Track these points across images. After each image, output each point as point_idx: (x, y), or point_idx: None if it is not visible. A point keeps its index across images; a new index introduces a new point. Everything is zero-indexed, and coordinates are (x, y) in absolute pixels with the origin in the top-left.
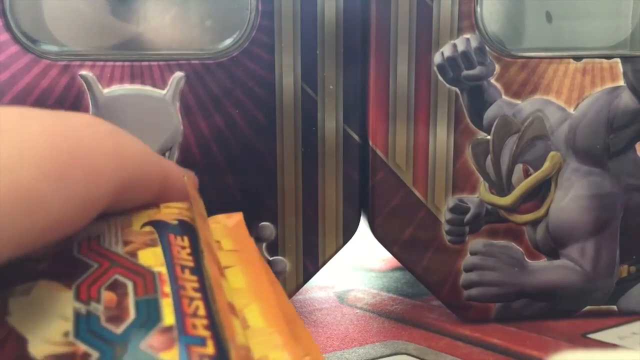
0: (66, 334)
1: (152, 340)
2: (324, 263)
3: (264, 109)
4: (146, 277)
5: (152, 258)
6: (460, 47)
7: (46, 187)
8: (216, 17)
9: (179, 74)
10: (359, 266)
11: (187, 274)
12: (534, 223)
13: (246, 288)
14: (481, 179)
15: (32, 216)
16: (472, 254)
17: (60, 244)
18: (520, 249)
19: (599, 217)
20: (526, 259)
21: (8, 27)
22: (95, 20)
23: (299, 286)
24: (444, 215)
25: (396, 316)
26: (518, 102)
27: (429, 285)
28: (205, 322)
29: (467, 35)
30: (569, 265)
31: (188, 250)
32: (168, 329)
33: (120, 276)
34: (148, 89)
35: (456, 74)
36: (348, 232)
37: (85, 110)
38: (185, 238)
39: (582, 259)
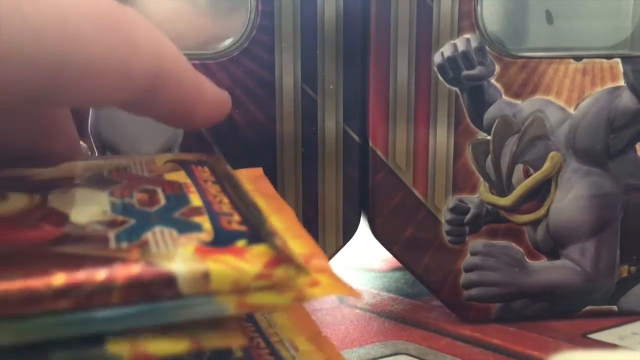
0: (104, 212)
1: (183, 211)
2: None
3: (264, 109)
4: (173, 184)
5: (176, 176)
6: (461, 47)
7: (90, 31)
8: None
9: None
10: (359, 266)
11: (209, 184)
12: (534, 223)
13: (266, 208)
14: (481, 179)
15: (71, 49)
16: (472, 254)
17: (90, 169)
18: (521, 249)
19: (599, 217)
20: (526, 259)
21: None
22: None
23: None
24: (444, 216)
25: (396, 316)
26: (518, 102)
27: (429, 286)
28: (230, 205)
29: (467, 35)
30: (569, 266)
31: (209, 173)
32: (197, 207)
33: (149, 185)
34: None
35: (456, 74)
36: (348, 232)
37: (84, 110)
38: (206, 167)
39: (582, 259)
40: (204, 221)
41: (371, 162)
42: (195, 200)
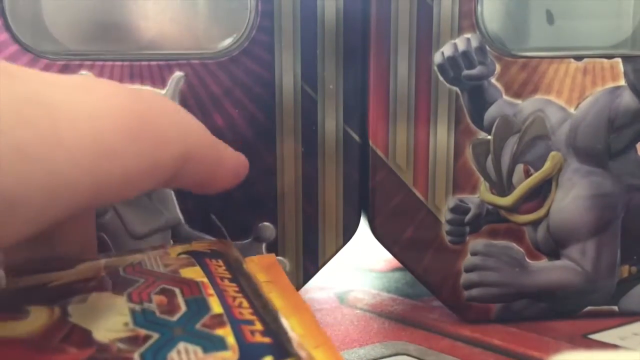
0: (126, 324)
1: (205, 321)
2: (324, 263)
3: (264, 109)
4: (191, 284)
5: (192, 273)
6: (461, 47)
7: (121, 140)
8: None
9: (178, 74)
10: (359, 266)
11: (226, 282)
12: (535, 223)
13: (285, 306)
14: (481, 179)
15: (108, 166)
16: (472, 254)
17: (106, 268)
18: (521, 250)
19: (600, 217)
20: (527, 259)
21: (7, 27)
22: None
23: (299, 286)
24: (445, 216)
25: (396, 317)
26: (519, 102)
27: (429, 286)
28: (250, 310)
29: (468, 35)
30: (569, 266)
31: (224, 267)
32: (218, 315)
33: (167, 285)
34: (147, 88)
35: (456, 73)
36: (348, 232)
37: None
38: (220, 260)
39: (583, 260)
40: (228, 334)
41: (371, 162)
42: (216, 305)
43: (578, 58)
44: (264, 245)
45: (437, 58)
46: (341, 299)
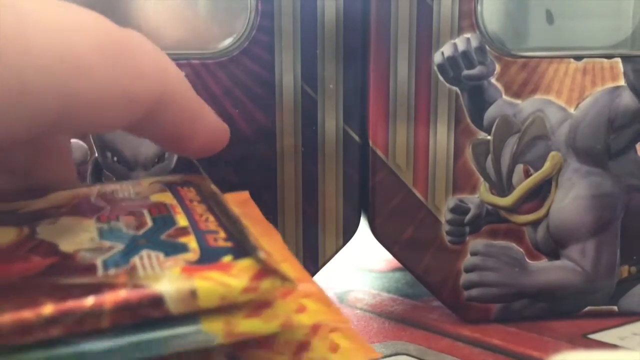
0: (92, 239)
1: (170, 232)
2: (324, 263)
3: (264, 109)
4: (159, 206)
5: (162, 197)
6: (461, 47)
7: (94, 61)
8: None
9: None
10: (359, 267)
11: (195, 204)
12: (535, 223)
13: (254, 232)
14: (481, 179)
15: (78, 83)
16: (472, 254)
17: (77, 196)
18: (521, 250)
19: (599, 217)
20: (527, 259)
21: None
22: None
23: None
24: (444, 216)
25: (396, 317)
26: (518, 102)
27: (429, 286)
28: (216, 223)
29: (468, 35)
30: (569, 266)
31: (194, 193)
32: (183, 228)
33: (136, 207)
34: None
35: (456, 73)
36: (348, 232)
37: None
38: (192, 188)
39: (582, 260)
40: (190, 241)
41: (371, 162)
42: (182, 220)
43: (578, 58)
44: None
45: (437, 58)
46: (341, 299)
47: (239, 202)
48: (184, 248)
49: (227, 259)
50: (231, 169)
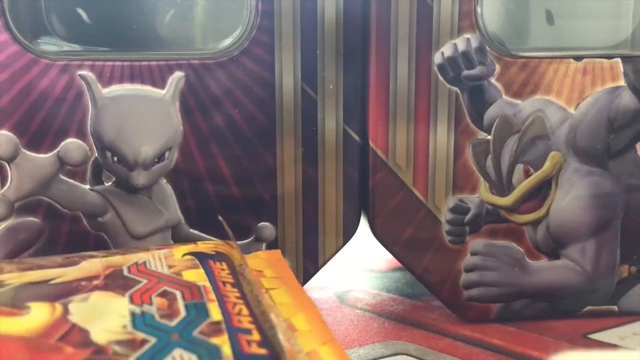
0: (124, 327)
1: (203, 329)
2: (324, 263)
3: (264, 109)
4: (192, 288)
5: (195, 276)
6: (461, 47)
7: None
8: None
9: (178, 74)
10: (359, 266)
11: (228, 287)
12: (535, 223)
13: (291, 302)
14: (481, 179)
15: None
16: (472, 254)
17: (110, 266)
18: (521, 249)
19: (599, 217)
20: (527, 259)
21: (8, 27)
22: None
23: None
24: (444, 216)
25: (396, 316)
26: (518, 102)
27: (429, 286)
28: (249, 319)
29: (468, 35)
30: (569, 266)
31: (227, 271)
32: (216, 323)
33: (168, 287)
34: (148, 89)
35: (456, 73)
36: (348, 232)
37: (84, 110)
38: (224, 263)
39: (582, 259)
40: (224, 343)
41: (371, 162)
42: (215, 312)
43: (578, 58)
44: (264, 245)
45: (437, 58)
46: (341, 299)
47: (272, 264)
48: (217, 353)
49: None
50: (231, 170)
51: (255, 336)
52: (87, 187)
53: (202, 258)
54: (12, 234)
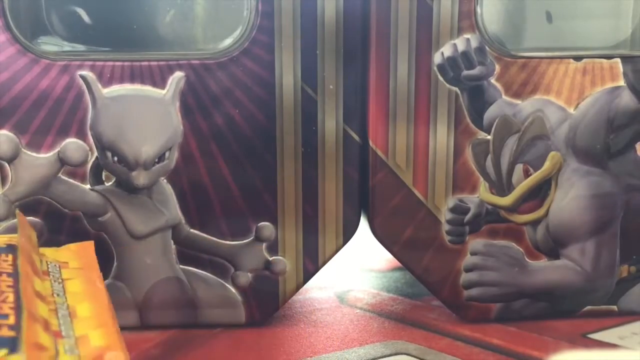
0: None
1: None
2: (324, 263)
3: (264, 109)
4: None
5: None
6: (461, 47)
7: None
8: None
9: (178, 74)
10: (359, 266)
11: (4, 277)
12: (534, 223)
13: (81, 292)
14: (481, 179)
15: None
16: (472, 254)
17: None
18: (521, 249)
19: (599, 217)
20: (526, 259)
21: (8, 27)
22: None
23: (299, 286)
24: (444, 215)
25: (396, 316)
26: (518, 102)
27: (429, 285)
28: (12, 305)
29: (467, 35)
30: (569, 266)
31: (10, 262)
32: None
33: None
34: (148, 89)
35: (456, 73)
36: (348, 232)
37: (84, 110)
38: (10, 255)
39: (582, 259)
40: None
41: (371, 162)
42: None
43: (577, 58)
44: (264, 245)
45: (437, 58)
46: (341, 299)
47: (80, 255)
48: None
49: (2, 352)
50: (231, 170)
51: (11, 320)
52: (87, 187)
53: None
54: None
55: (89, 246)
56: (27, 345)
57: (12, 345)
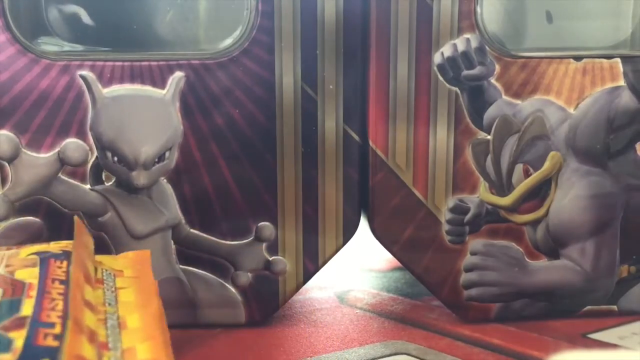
0: None
1: (6, 324)
2: (324, 263)
3: (264, 109)
4: (16, 286)
5: (26, 274)
6: (461, 47)
7: None
8: None
9: (178, 74)
10: (359, 266)
11: (56, 284)
12: (534, 223)
13: (133, 302)
14: (481, 179)
15: None
16: (472, 254)
17: None
18: (521, 249)
19: (599, 217)
20: (526, 259)
21: (8, 27)
22: None
23: (299, 286)
24: (444, 215)
25: (396, 316)
26: (518, 102)
27: (429, 286)
28: (60, 313)
29: (467, 35)
30: (569, 265)
31: (64, 269)
32: (22, 318)
33: None
34: (148, 89)
35: (456, 74)
36: (348, 232)
37: (84, 110)
38: (65, 262)
39: (582, 259)
40: (20, 336)
41: (371, 162)
42: (27, 308)
43: (577, 58)
44: (264, 245)
45: (437, 58)
46: (341, 299)
47: (135, 263)
48: (8, 346)
49: None
50: (231, 170)
51: (57, 329)
52: (87, 187)
53: (44, 256)
54: (12, 234)
55: (145, 255)
56: (68, 356)
57: (53, 356)
